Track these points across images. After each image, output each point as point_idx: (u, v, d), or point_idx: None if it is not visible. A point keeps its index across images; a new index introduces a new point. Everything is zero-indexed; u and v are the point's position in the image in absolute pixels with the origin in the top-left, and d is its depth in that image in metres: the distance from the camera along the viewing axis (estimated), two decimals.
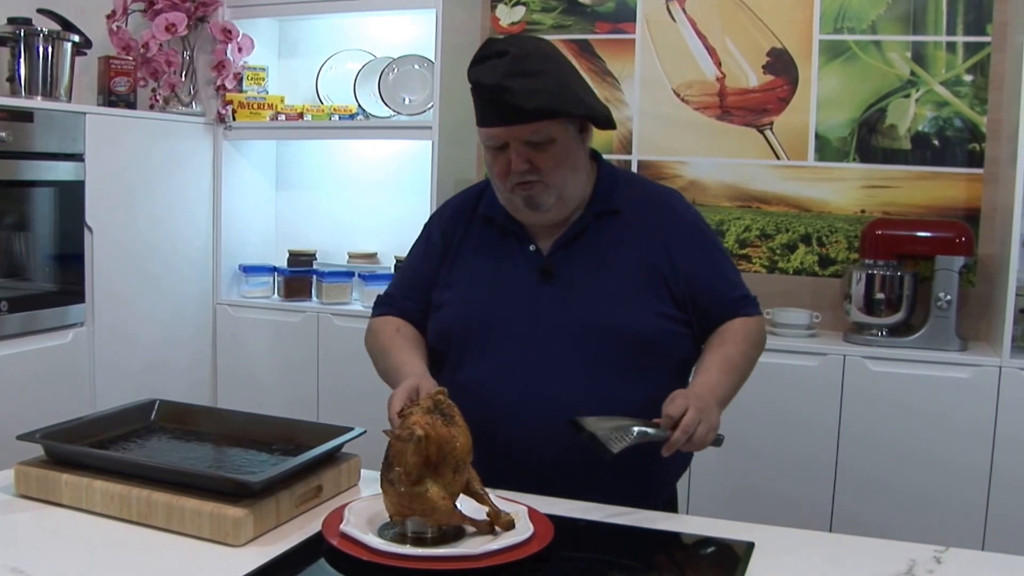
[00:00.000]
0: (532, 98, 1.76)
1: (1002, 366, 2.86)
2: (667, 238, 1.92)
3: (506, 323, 1.89)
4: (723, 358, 1.88)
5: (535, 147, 1.81)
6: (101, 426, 1.83)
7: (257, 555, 1.43)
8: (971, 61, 3.17)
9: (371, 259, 3.85)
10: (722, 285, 1.97)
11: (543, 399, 1.83)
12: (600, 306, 1.87)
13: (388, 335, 1.98)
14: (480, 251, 1.97)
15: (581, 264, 1.90)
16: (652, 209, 1.96)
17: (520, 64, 1.77)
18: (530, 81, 1.76)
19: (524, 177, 1.83)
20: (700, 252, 1.95)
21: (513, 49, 1.79)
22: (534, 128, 1.79)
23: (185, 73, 3.68)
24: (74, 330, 3.13)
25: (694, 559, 1.58)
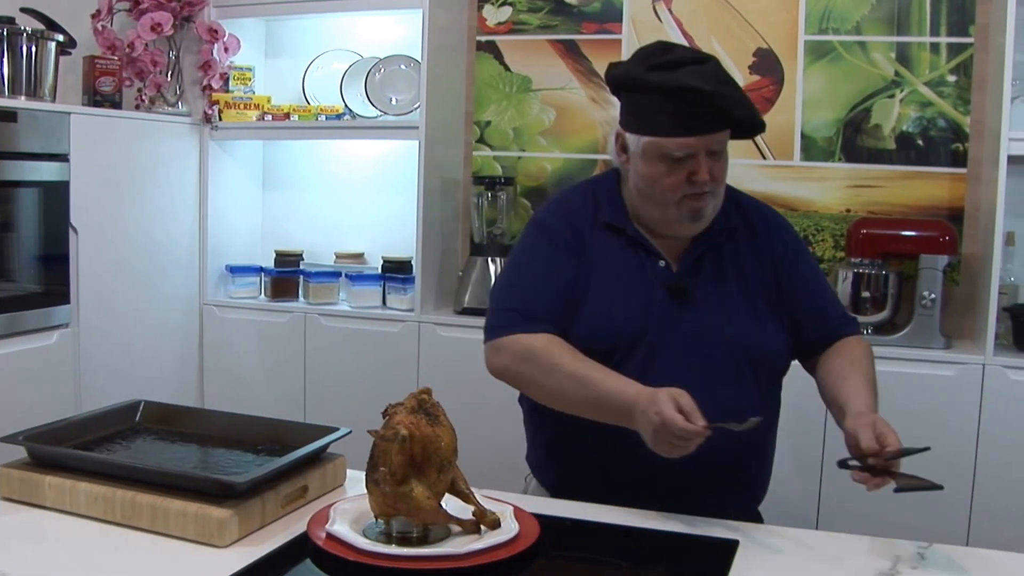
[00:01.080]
0: (743, 106, 1.77)
1: (985, 364, 2.87)
2: (775, 256, 1.93)
3: (648, 339, 1.83)
4: (866, 378, 1.86)
5: (714, 156, 1.79)
6: (85, 427, 1.83)
7: (242, 556, 1.43)
8: (954, 62, 3.19)
9: (358, 259, 3.85)
10: (826, 304, 1.98)
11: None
12: (727, 328, 1.85)
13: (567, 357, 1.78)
14: (608, 263, 1.89)
15: (708, 282, 1.88)
16: (760, 226, 1.96)
17: (724, 72, 1.77)
18: (734, 91, 1.76)
19: (708, 188, 1.80)
20: (806, 271, 1.97)
21: (709, 57, 1.78)
22: (720, 138, 1.78)
23: (171, 73, 3.67)
24: (59, 331, 3.12)
25: (679, 557, 1.58)
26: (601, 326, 1.85)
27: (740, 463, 1.90)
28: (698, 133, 1.75)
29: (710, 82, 1.72)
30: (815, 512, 3.03)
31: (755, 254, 1.92)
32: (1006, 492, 2.86)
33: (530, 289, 1.88)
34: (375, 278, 3.65)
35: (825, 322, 1.96)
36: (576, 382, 1.75)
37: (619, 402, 1.68)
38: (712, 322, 1.85)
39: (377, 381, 3.45)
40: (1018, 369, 2.86)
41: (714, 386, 1.79)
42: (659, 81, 1.75)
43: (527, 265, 1.92)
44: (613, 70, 1.88)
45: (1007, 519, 2.83)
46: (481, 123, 3.72)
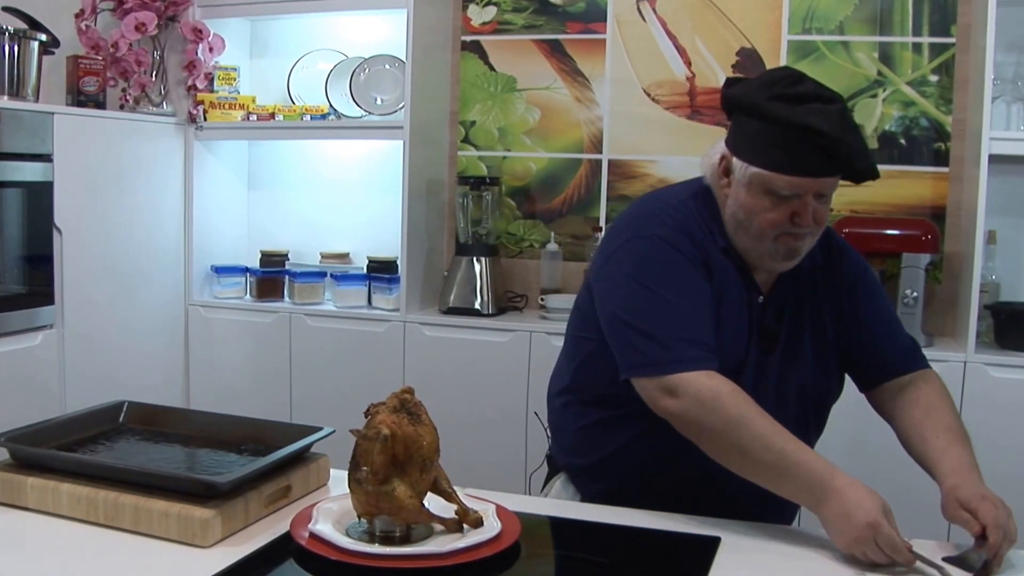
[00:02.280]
0: (863, 157, 1.66)
1: (967, 361, 2.89)
2: (839, 290, 1.84)
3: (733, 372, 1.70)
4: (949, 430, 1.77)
5: (821, 199, 1.68)
6: (68, 428, 1.82)
7: (225, 556, 1.43)
8: (936, 62, 3.21)
9: (343, 259, 3.85)
10: (889, 336, 1.86)
11: None
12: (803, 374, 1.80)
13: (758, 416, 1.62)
14: (726, 291, 1.76)
15: (790, 324, 1.80)
16: (829, 260, 1.86)
17: (850, 117, 1.66)
18: (858, 137, 1.66)
19: (804, 230, 1.69)
20: (868, 302, 1.86)
21: (837, 97, 1.67)
22: (831, 183, 1.68)
23: (155, 73, 3.66)
24: (43, 332, 3.11)
25: (661, 554, 1.59)
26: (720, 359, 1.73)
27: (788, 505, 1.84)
28: (812, 175, 1.65)
29: (835, 127, 1.61)
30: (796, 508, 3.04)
31: (826, 289, 1.83)
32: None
33: (692, 316, 1.71)
34: (360, 278, 3.65)
35: (887, 356, 1.84)
36: (764, 445, 1.60)
37: (811, 479, 1.58)
38: (790, 370, 1.79)
39: (362, 381, 3.46)
40: (999, 366, 2.88)
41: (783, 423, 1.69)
42: (782, 114, 1.63)
43: (672, 287, 1.72)
44: (732, 88, 1.77)
45: None
46: (466, 123, 3.73)
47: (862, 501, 1.52)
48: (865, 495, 1.53)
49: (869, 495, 1.54)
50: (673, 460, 1.76)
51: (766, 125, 1.65)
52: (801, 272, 1.80)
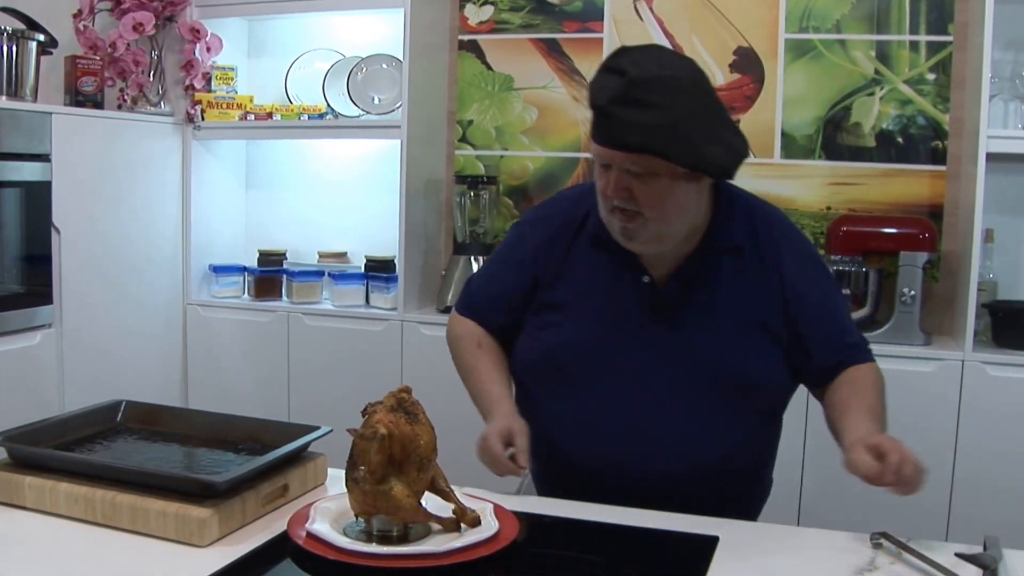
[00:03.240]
0: (631, 131, 1.62)
1: (964, 360, 2.89)
2: (783, 279, 1.82)
3: (616, 357, 1.81)
4: (867, 407, 1.77)
5: (637, 177, 1.67)
6: (66, 428, 1.82)
7: (222, 555, 1.43)
8: (934, 60, 3.21)
9: (341, 258, 3.85)
10: (836, 331, 1.85)
11: (648, 438, 1.79)
12: (711, 351, 1.79)
13: (472, 350, 1.97)
14: (589, 273, 1.85)
15: (695, 303, 1.81)
16: (767, 247, 1.83)
17: (636, 90, 1.61)
18: (638, 112, 1.61)
19: (622, 204, 1.70)
20: (816, 294, 1.84)
21: (634, 70, 1.62)
22: (635, 158, 1.65)
23: (153, 73, 3.66)
24: (42, 332, 3.11)
25: (659, 554, 1.59)
26: (569, 337, 1.84)
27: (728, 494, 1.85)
28: (600, 143, 1.68)
29: (601, 97, 1.64)
30: (796, 508, 3.05)
31: (760, 275, 1.82)
32: (985, 487, 2.88)
33: (488, 278, 2.04)
34: (358, 277, 3.66)
35: (833, 350, 1.84)
36: (468, 370, 1.97)
37: (482, 408, 1.90)
38: (691, 346, 1.79)
39: (360, 380, 3.46)
40: (997, 365, 2.88)
41: (696, 407, 1.78)
42: (589, 85, 1.70)
43: (494, 261, 2.04)
44: None
45: (986, 513, 2.85)
46: (463, 122, 3.73)
47: (492, 423, 1.79)
48: (498, 419, 1.80)
49: (501, 419, 1.80)
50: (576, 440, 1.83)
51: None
52: (707, 252, 1.80)
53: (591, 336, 1.82)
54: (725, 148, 1.67)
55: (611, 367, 1.80)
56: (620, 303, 1.82)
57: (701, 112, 1.66)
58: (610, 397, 1.80)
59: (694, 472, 1.79)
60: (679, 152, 1.62)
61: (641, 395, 1.79)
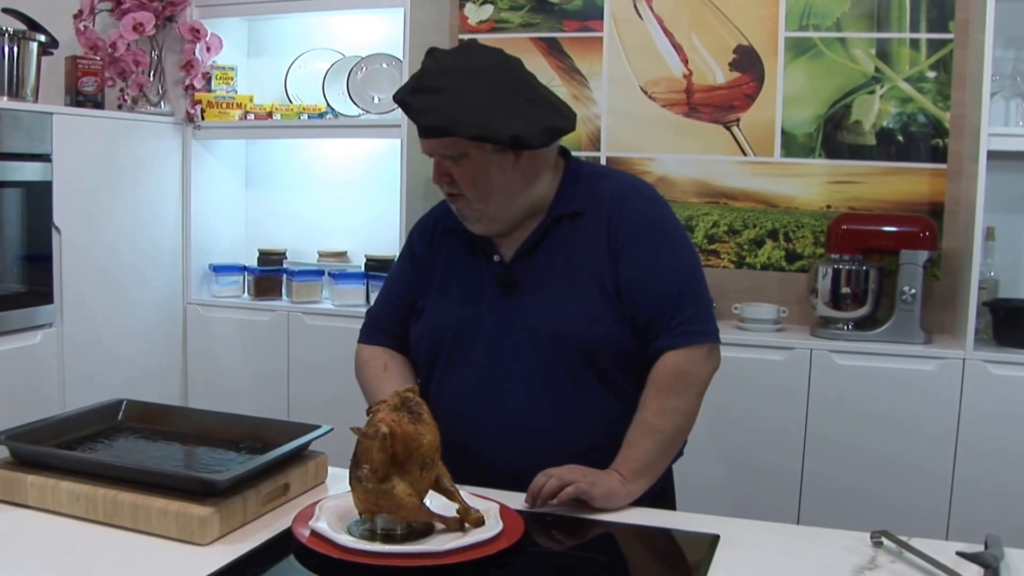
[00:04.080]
0: (424, 115, 1.74)
1: (965, 358, 2.89)
2: (613, 242, 1.86)
3: (471, 335, 1.89)
4: (637, 425, 1.81)
5: (452, 160, 1.79)
6: (68, 427, 1.82)
7: (224, 553, 1.43)
8: (934, 58, 3.21)
9: (341, 258, 3.85)
10: (660, 302, 1.84)
11: (503, 411, 1.85)
12: (551, 316, 1.84)
13: (376, 373, 2.00)
14: (449, 263, 1.97)
15: (540, 272, 1.87)
16: (605, 208, 1.88)
17: (428, 79, 1.76)
18: (429, 97, 1.74)
19: (448, 189, 1.84)
20: (648, 263, 1.85)
21: (431, 64, 1.79)
22: (444, 143, 1.77)
23: (153, 73, 3.66)
24: (43, 331, 3.11)
25: (660, 552, 1.59)
26: (431, 327, 1.95)
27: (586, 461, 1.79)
28: (420, 136, 1.80)
29: (402, 91, 1.78)
30: (796, 503, 3.05)
31: (599, 238, 1.86)
32: (986, 486, 2.88)
33: (380, 302, 2.11)
34: (358, 276, 3.65)
35: (658, 326, 1.83)
36: (372, 392, 1.96)
37: None
38: (536, 314, 1.85)
39: None
40: (998, 363, 2.88)
41: (541, 379, 1.84)
42: None
43: (388, 277, 2.14)
44: None
45: (987, 512, 2.85)
46: None
47: None
48: None
49: None
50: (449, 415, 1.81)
51: None
52: (546, 221, 1.88)
53: (453, 318, 1.92)
54: (524, 121, 1.76)
55: (471, 344, 1.89)
56: (476, 284, 1.92)
57: (496, 91, 1.77)
58: (472, 372, 1.88)
59: (542, 438, 1.83)
60: (466, 127, 1.72)
61: (495, 368, 1.86)
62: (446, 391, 1.91)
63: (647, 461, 1.78)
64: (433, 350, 1.94)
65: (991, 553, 1.48)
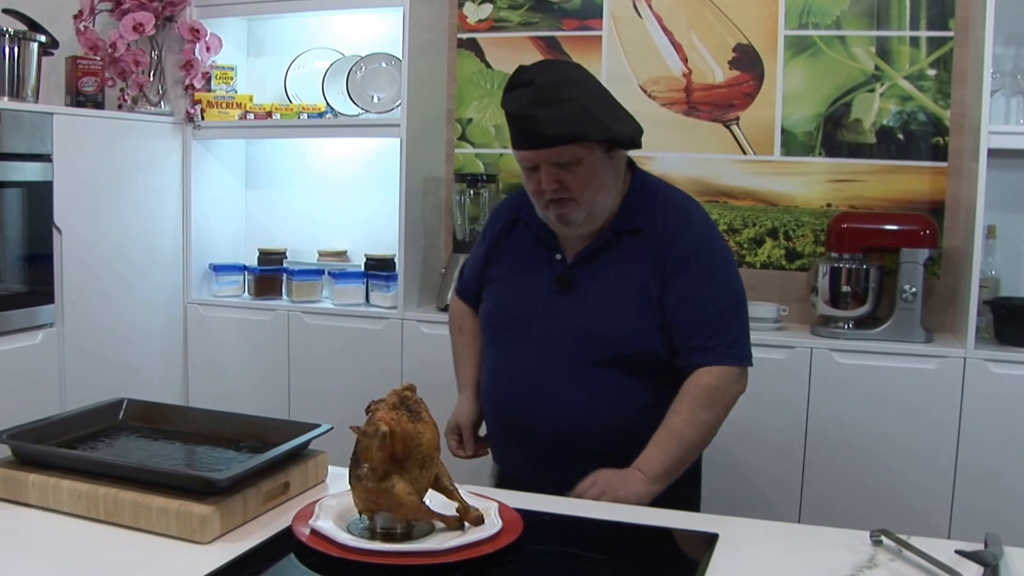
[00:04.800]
0: (554, 125, 1.91)
1: (966, 357, 2.89)
2: (665, 262, 2.03)
3: (530, 320, 2.10)
4: (662, 428, 1.99)
5: (563, 168, 1.96)
6: (69, 426, 1.83)
7: (224, 552, 1.44)
8: (934, 55, 3.21)
9: (341, 257, 3.85)
10: (700, 321, 2.03)
11: (541, 396, 2.06)
12: (598, 318, 2.04)
13: (453, 334, 2.39)
14: (515, 254, 2.19)
15: (596, 277, 2.07)
16: (658, 229, 2.06)
17: (545, 92, 1.92)
18: (553, 109, 1.91)
19: (555, 195, 1.99)
20: (691, 286, 2.03)
21: (539, 79, 1.94)
22: (559, 152, 1.94)
23: (153, 73, 3.66)
24: (44, 331, 3.11)
25: (659, 551, 1.59)
26: (495, 307, 2.19)
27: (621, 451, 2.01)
28: (526, 148, 1.97)
29: (520, 105, 1.93)
30: (797, 506, 3.05)
31: (653, 256, 2.04)
32: (987, 485, 2.88)
33: (470, 266, 2.34)
34: (358, 276, 3.66)
35: (691, 337, 2.02)
36: (452, 347, 2.39)
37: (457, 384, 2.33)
38: (582, 314, 2.05)
39: (361, 378, 3.46)
40: (999, 362, 2.87)
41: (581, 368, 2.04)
42: (502, 103, 2.00)
43: (475, 246, 2.36)
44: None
45: (989, 511, 2.85)
46: (463, 120, 3.73)
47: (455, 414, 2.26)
48: (457, 408, 2.26)
49: (457, 410, 2.26)
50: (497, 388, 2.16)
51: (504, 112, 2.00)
52: (608, 233, 2.07)
53: (514, 303, 2.15)
54: (627, 124, 2.02)
55: (526, 329, 2.10)
56: (537, 276, 2.13)
57: (600, 99, 2.01)
58: (523, 354, 2.10)
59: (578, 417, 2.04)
60: (595, 131, 1.94)
61: (543, 354, 2.07)
62: (503, 365, 2.15)
63: (670, 465, 1.97)
64: (496, 326, 2.18)
65: (990, 552, 1.48)
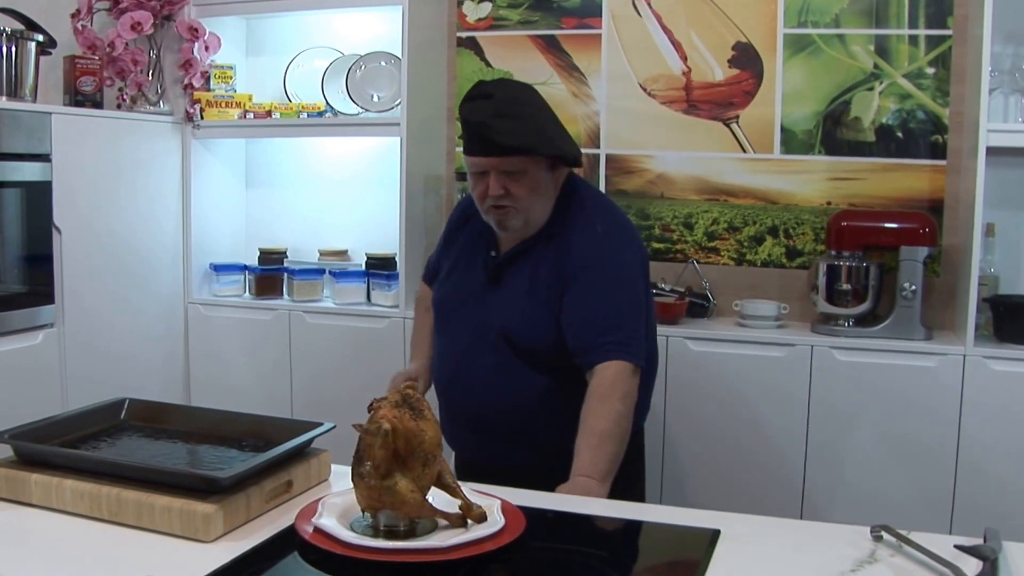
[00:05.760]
0: (510, 136, 2.10)
1: (966, 354, 2.89)
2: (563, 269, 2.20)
3: (464, 309, 2.31)
4: (590, 432, 2.07)
5: (510, 176, 2.14)
6: (71, 425, 1.83)
7: (228, 550, 1.44)
8: (933, 54, 3.21)
9: (341, 256, 3.85)
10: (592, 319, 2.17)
11: (465, 377, 2.28)
12: (513, 313, 2.23)
13: (420, 312, 2.59)
14: (464, 245, 2.38)
15: (516, 276, 2.26)
16: (573, 235, 2.23)
17: (504, 106, 2.12)
18: (510, 122, 2.10)
19: (498, 201, 2.16)
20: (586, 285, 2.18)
21: (499, 92, 2.14)
22: (510, 161, 2.12)
23: (152, 72, 3.66)
24: (44, 331, 3.11)
25: (661, 547, 1.60)
26: (441, 295, 2.39)
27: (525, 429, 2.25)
28: (478, 155, 2.14)
29: (481, 115, 2.10)
30: (799, 498, 3.06)
31: (559, 262, 2.21)
32: (987, 481, 2.88)
33: (433, 256, 2.56)
34: (359, 275, 3.66)
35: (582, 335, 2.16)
36: (415, 326, 2.61)
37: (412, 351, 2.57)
38: (499, 307, 2.25)
39: (362, 377, 3.46)
40: (998, 359, 2.88)
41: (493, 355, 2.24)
42: (459, 111, 2.18)
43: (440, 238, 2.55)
44: None
45: (989, 506, 2.86)
46: None
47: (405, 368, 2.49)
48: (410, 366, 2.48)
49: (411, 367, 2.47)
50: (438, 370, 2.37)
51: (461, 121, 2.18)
52: (535, 239, 2.24)
53: (454, 293, 2.36)
54: (571, 145, 2.25)
55: (461, 317, 2.32)
56: (474, 270, 2.33)
57: (551, 120, 2.24)
58: (456, 339, 2.31)
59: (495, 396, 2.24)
60: (547, 147, 2.15)
61: (470, 341, 2.28)
62: (443, 348, 2.35)
63: (612, 462, 2.06)
64: (440, 311, 2.38)
65: (989, 546, 1.48)
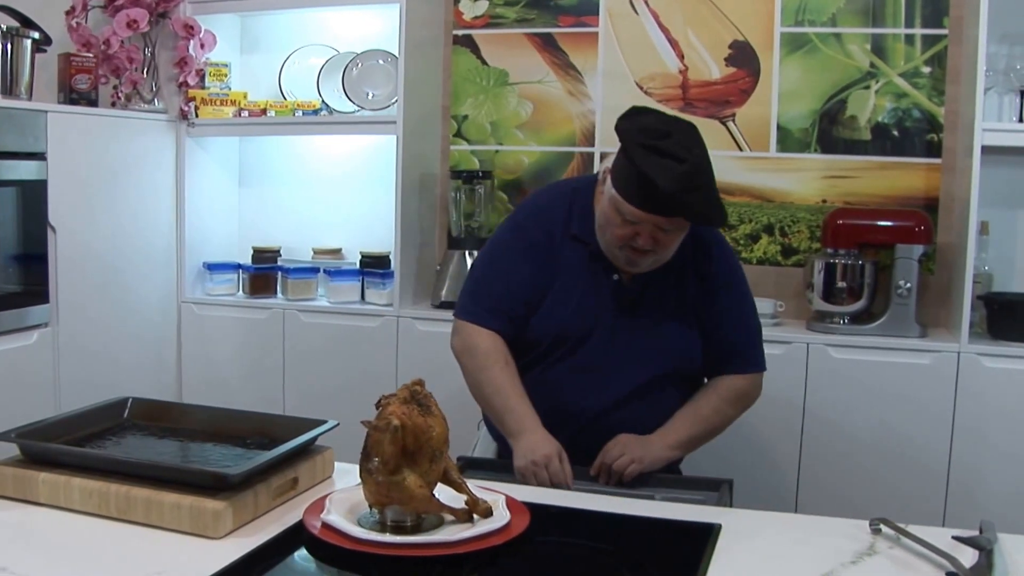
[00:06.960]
0: (706, 211, 2.03)
1: (960, 352, 2.91)
2: (705, 281, 2.23)
3: (593, 334, 2.20)
4: (691, 409, 2.23)
5: (665, 232, 2.07)
6: (75, 424, 1.82)
7: (237, 546, 1.44)
8: (929, 53, 3.23)
9: (336, 255, 3.85)
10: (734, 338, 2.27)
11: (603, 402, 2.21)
12: (652, 336, 2.21)
13: (499, 367, 2.20)
14: (571, 269, 2.23)
15: (647, 298, 2.21)
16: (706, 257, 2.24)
17: (695, 178, 1.98)
18: (700, 196, 1.99)
19: (649, 247, 2.08)
20: (727, 303, 2.26)
21: (689, 157, 1.97)
22: (675, 221, 2.05)
23: (147, 70, 3.65)
24: (38, 331, 3.10)
25: (663, 541, 1.61)
26: (556, 324, 2.22)
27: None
28: (649, 212, 2.02)
29: (671, 184, 1.95)
30: (794, 495, 3.07)
31: (697, 278, 2.23)
32: (981, 476, 2.90)
33: (496, 283, 2.26)
34: (353, 273, 3.66)
35: (723, 351, 2.26)
36: (495, 389, 2.19)
37: (515, 422, 2.14)
38: (651, 334, 2.21)
39: (356, 376, 3.46)
40: (992, 356, 2.90)
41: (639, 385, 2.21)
42: (639, 160, 1.98)
43: (499, 260, 2.29)
44: (623, 122, 2.08)
45: (982, 501, 2.88)
46: (458, 117, 3.73)
47: (541, 444, 2.07)
48: (542, 440, 2.08)
49: (546, 441, 2.08)
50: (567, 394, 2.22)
51: (629, 163, 2.01)
52: (661, 268, 2.17)
53: (576, 320, 2.21)
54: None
55: (590, 342, 2.21)
56: (597, 294, 2.21)
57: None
58: (587, 365, 2.21)
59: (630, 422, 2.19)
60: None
61: (605, 365, 2.20)
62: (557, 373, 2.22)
63: (689, 439, 2.21)
64: (553, 343, 2.22)
65: (985, 537, 1.51)
